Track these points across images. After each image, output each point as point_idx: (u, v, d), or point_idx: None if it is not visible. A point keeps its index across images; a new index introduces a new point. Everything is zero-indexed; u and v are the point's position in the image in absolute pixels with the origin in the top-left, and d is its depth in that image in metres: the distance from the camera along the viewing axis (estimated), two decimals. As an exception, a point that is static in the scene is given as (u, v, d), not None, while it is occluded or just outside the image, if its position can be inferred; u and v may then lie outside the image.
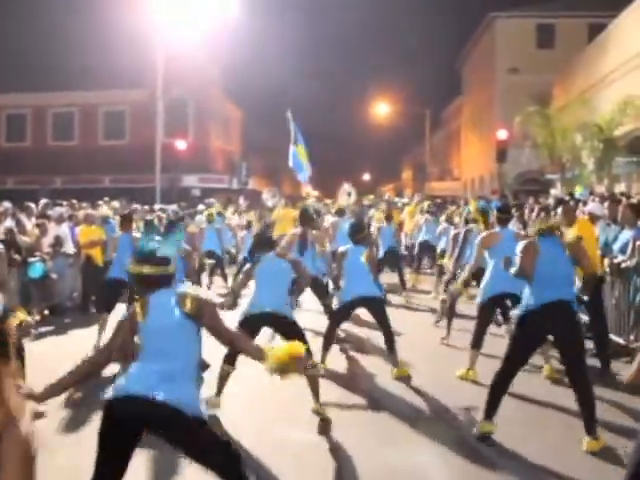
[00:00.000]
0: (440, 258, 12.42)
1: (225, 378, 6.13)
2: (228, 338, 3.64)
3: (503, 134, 24.25)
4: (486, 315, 7.43)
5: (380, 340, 7.67)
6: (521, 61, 33.78)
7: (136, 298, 3.72)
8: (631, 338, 8.19)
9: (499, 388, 5.42)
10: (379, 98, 47.13)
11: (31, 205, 13.84)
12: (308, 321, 9.58)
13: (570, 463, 5.05)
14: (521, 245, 5.50)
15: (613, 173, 20.35)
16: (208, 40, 30.95)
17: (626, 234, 8.26)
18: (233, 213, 19.81)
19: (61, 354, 8.66)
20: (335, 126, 67.61)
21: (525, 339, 5.37)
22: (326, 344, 7.67)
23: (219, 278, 14.75)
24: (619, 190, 18.92)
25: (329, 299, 9.12)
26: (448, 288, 9.52)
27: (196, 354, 3.59)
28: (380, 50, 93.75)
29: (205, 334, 3.67)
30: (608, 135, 19.81)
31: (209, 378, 5.91)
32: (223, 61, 33.83)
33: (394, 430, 5.89)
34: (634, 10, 21.01)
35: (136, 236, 8.95)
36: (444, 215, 15.15)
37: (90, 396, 6.74)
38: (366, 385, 7.31)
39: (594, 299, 7.58)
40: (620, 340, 8.24)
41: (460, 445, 5.47)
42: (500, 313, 8.60)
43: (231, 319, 5.89)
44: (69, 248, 12.26)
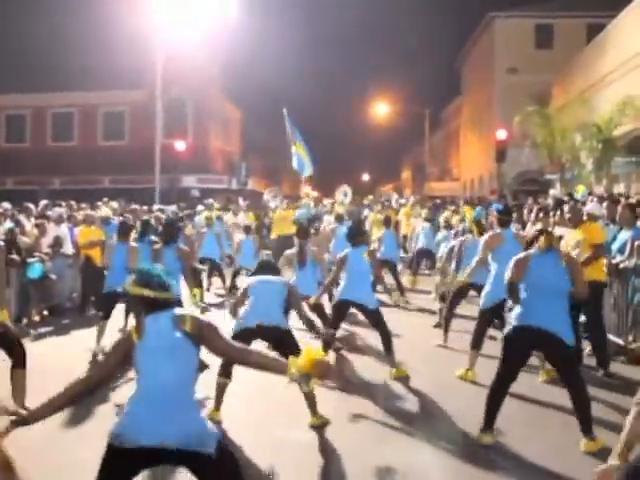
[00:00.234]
0: (440, 262, 12.32)
1: (222, 391, 6.06)
2: (235, 355, 3.49)
3: (502, 134, 24.24)
4: (487, 317, 7.44)
5: (377, 340, 7.67)
6: (520, 61, 33.81)
7: (133, 315, 3.62)
8: (629, 338, 8.21)
9: (495, 399, 5.43)
10: (379, 98, 47.19)
11: (30, 206, 13.84)
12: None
13: (570, 463, 5.06)
14: (514, 259, 5.51)
15: (612, 173, 20.35)
16: (207, 40, 30.93)
17: (624, 234, 8.26)
18: (234, 214, 19.76)
19: (60, 355, 8.68)
20: (334, 126, 67.75)
21: (513, 356, 5.42)
22: (325, 345, 7.68)
23: (216, 279, 14.68)
24: (618, 190, 18.94)
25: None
26: (445, 298, 9.43)
27: (195, 375, 3.44)
28: (379, 50, 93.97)
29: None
30: (607, 135, 19.80)
31: (208, 378, 5.92)
32: (222, 61, 33.82)
33: (393, 430, 5.90)
34: (633, 10, 21.02)
35: (133, 245, 8.93)
36: (442, 217, 15.06)
37: (88, 397, 6.76)
38: (364, 386, 7.31)
39: (595, 302, 7.57)
40: (619, 340, 8.25)
41: (459, 445, 5.48)
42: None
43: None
44: (68, 249, 12.26)
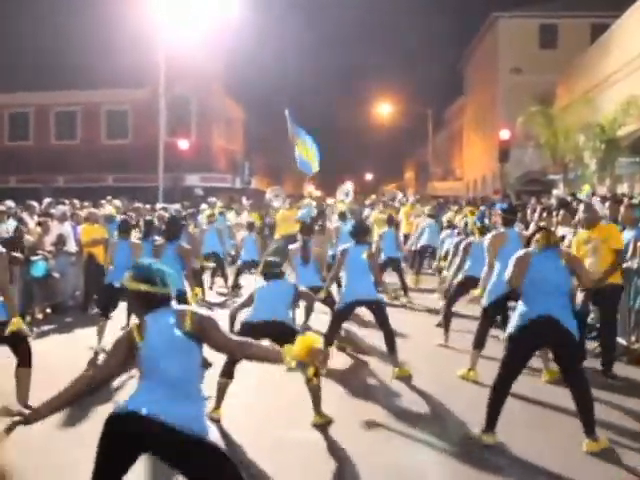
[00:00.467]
0: (443, 260, 12.31)
1: (223, 391, 6.06)
2: (235, 348, 3.46)
3: (506, 134, 24.22)
4: (489, 317, 7.43)
5: (380, 340, 7.67)
6: (524, 61, 33.78)
7: (130, 316, 3.60)
8: (632, 339, 8.20)
9: (497, 400, 5.41)
10: (382, 98, 47.17)
11: (33, 204, 13.86)
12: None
13: (573, 464, 5.04)
14: (514, 257, 5.51)
15: (616, 173, 20.32)
16: (210, 39, 30.96)
17: (627, 235, 8.23)
18: (237, 213, 19.76)
19: (63, 353, 8.69)
20: (338, 125, 67.47)
21: (516, 355, 5.41)
22: (327, 344, 7.69)
23: (219, 279, 14.71)
24: (622, 191, 18.90)
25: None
26: (447, 295, 9.41)
27: (198, 372, 3.44)
28: (382, 50, 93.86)
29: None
30: (611, 135, 19.79)
31: (211, 376, 5.93)
32: (225, 60, 33.81)
33: (394, 430, 5.89)
34: (637, 10, 21.00)
35: (134, 242, 8.95)
36: (445, 217, 15.04)
37: (88, 395, 6.77)
38: (367, 385, 7.32)
39: (612, 305, 7.55)
40: (622, 341, 8.24)
41: (461, 445, 5.47)
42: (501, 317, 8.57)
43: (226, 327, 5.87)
44: (71, 247, 12.28)
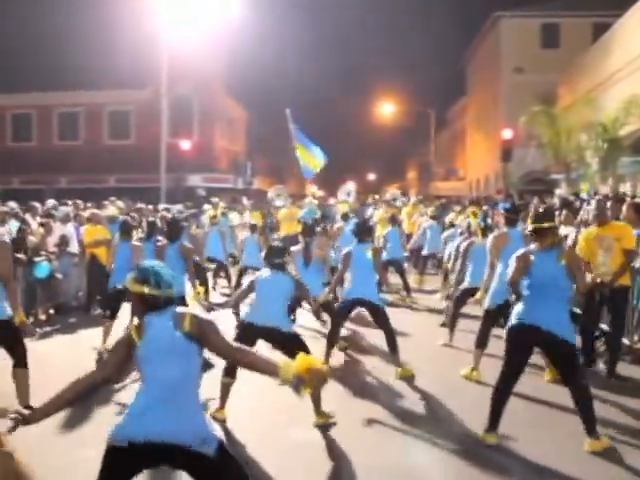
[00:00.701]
0: (447, 262, 12.29)
1: (227, 390, 6.05)
2: (234, 354, 3.42)
3: (508, 134, 24.20)
4: (492, 317, 7.43)
5: (382, 340, 7.67)
6: (526, 61, 33.75)
7: (133, 317, 3.56)
8: (635, 338, 8.19)
9: (500, 399, 5.41)
10: (384, 98, 47.21)
11: (36, 205, 13.88)
12: (309, 322, 9.61)
13: (576, 463, 5.04)
14: (514, 257, 5.49)
15: (618, 173, 20.29)
16: (212, 39, 30.98)
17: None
18: (240, 213, 19.75)
19: (66, 353, 8.70)
20: (340, 126, 67.58)
21: (516, 352, 5.41)
22: (329, 344, 7.70)
23: (222, 279, 14.70)
24: (624, 190, 18.87)
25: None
26: (451, 297, 9.41)
27: (198, 374, 3.40)
28: (384, 50, 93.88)
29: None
30: (613, 135, 19.75)
31: (214, 377, 5.94)
32: (227, 60, 33.84)
33: (397, 430, 5.89)
34: (639, 9, 20.96)
35: (135, 244, 8.95)
36: (447, 218, 15.00)
37: (93, 396, 6.78)
38: (369, 385, 7.32)
39: (622, 306, 7.53)
40: (624, 340, 8.22)
41: (464, 445, 5.47)
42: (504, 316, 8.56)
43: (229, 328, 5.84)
44: (74, 248, 12.29)
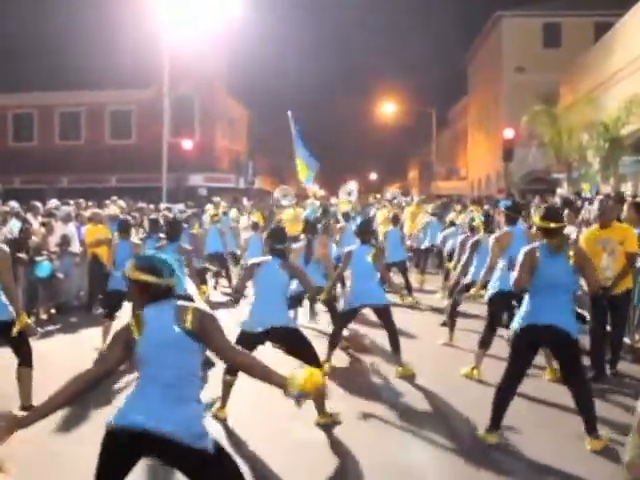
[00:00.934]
0: (448, 261, 12.29)
1: (229, 388, 6.00)
2: (234, 357, 3.33)
3: (510, 133, 24.20)
4: (496, 314, 7.41)
5: (383, 338, 7.67)
6: (527, 60, 33.73)
7: (132, 305, 3.51)
8: (636, 337, 8.19)
9: (503, 399, 5.37)
10: (385, 98, 47.23)
11: (37, 204, 13.89)
12: (309, 321, 9.62)
13: (577, 462, 5.02)
14: (521, 254, 5.40)
15: (619, 172, 20.28)
16: (214, 39, 31.01)
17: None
18: (238, 213, 19.73)
19: (68, 353, 8.71)
20: (341, 125, 67.63)
21: (524, 353, 5.37)
22: (332, 344, 7.71)
23: (223, 279, 14.68)
24: (626, 190, 18.86)
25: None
26: (453, 295, 9.39)
27: (198, 371, 3.34)
28: (386, 50, 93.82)
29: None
30: (614, 134, 19.74)
31: (215, 375, 5.93)
32: (229, 60, 33.87)
33: (398, 429, 5.89)
34: (641, 9, 20.96)
35: (135, 242, 8.95)
36: (448, 218, 14.98)
37: (93, 395, 6.79)
38: (370, 384, 7.32)
39: (623, 308, 7.50)
40: (626, 340, 8.22)
41: (465, 444, 5.46)
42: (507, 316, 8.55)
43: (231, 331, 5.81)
44: (75, 247, 12.30)
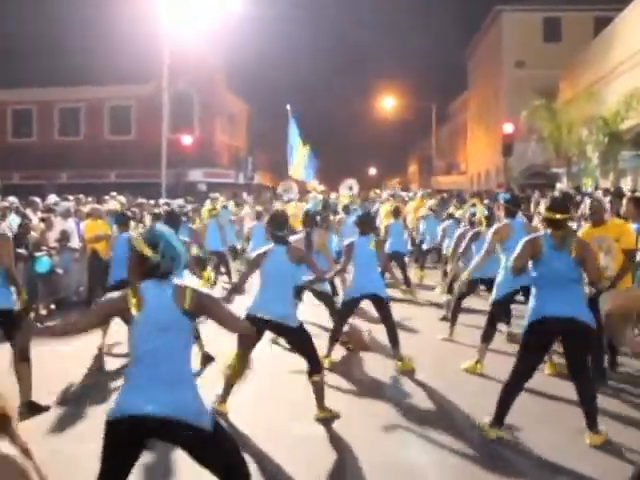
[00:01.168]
0: (447, 254, 12.28)
1: (229, 384, 5.88)
2: (238, 324, 3.54)
3: (509, 128, 24.15)
4: (499, 310, 7.42)
5: (383, 333, 7.67)
6: (527, 55, 33.69)
7: (130, 276, 3.55)
8: (636, 332, 8.18)
9: (510, 395, 5.31)
10: (385, 92, 47.22)
11: (36, 200, 13.89)
12: (311, 315, 9.61)
13: (579, 457, 5.02)
14: (523, 241, 5.35)
15: (619, 167, 20.26)
16: (213, 34, 30.91)
17: (629, 229, 8.20)
18: (236, 206, 19.74)
19: (67, 348, 8.70)
20: (341, 119, 67.60)
21: (534, 349, 5.32)
22: (332, 338, 7.71)
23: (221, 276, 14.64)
24: (625, 184, 18.85)
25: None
26: (452, 288, 9.37)
27: (190, 349, 3.40)
28: (386, 44, 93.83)
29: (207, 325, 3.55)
30: (613, 129, 19.71)
31: (214, 370, 5.94)
32: (228, 55, 33.83)
33: (398, 424, 5.88)
34: (640, 3, 20.91)
35: (134, 235, 8.96)
36: (449, 209, 14.97)
37: (92, 391, 6.80)
38: (369, 379, 7.32)
39: None
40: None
41: (466, 438, 5.46)
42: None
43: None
44: (75, 243, 12.30)
